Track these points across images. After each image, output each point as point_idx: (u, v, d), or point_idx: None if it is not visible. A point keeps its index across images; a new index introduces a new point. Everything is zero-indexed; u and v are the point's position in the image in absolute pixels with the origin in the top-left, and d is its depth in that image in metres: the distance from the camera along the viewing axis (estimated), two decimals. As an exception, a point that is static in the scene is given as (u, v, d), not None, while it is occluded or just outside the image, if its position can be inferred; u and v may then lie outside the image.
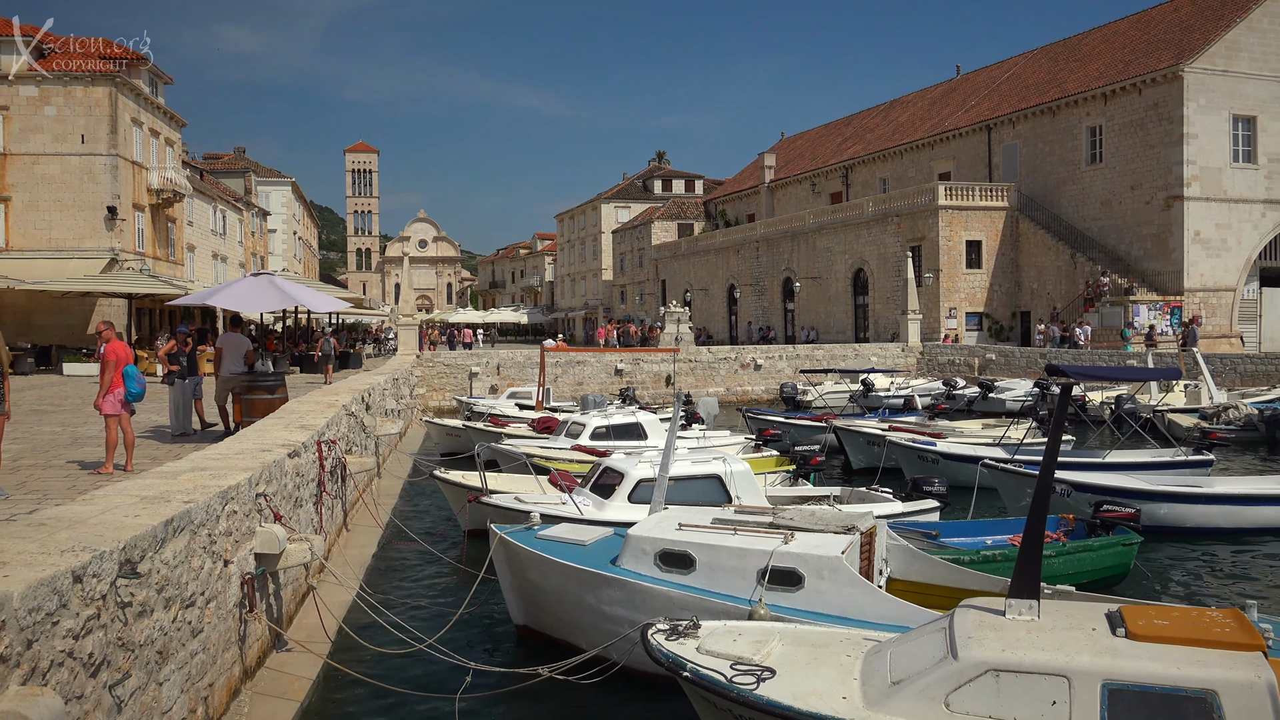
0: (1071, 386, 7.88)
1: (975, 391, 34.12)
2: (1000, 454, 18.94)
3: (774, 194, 73.39)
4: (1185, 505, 15.87)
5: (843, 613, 8.77)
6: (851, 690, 6.92)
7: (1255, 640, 6.37)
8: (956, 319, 47.67)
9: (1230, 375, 33.96)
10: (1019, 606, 6.99)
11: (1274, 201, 43.61)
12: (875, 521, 10.49)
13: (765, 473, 17.38)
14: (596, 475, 14.11)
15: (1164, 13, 49.75)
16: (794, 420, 26.11)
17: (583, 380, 39.44)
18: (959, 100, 59.91)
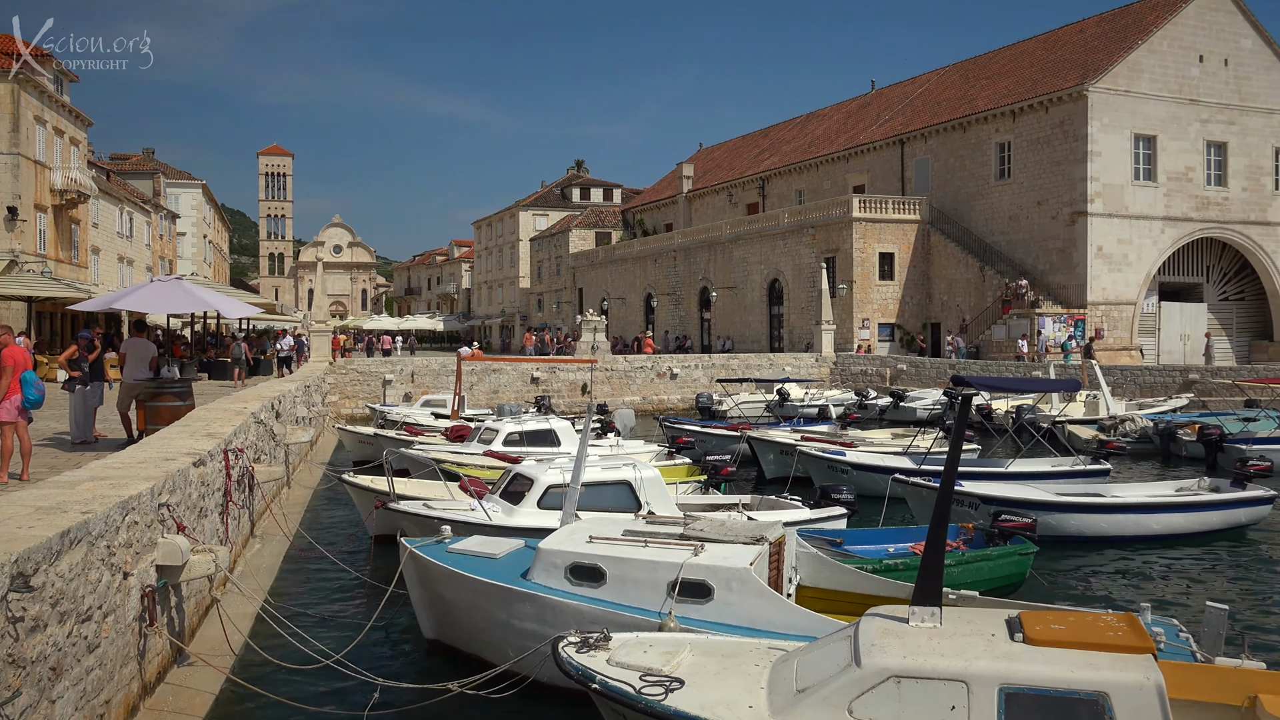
0: (971, 398, 8.09)
1: (887, 401, 34.82)
2: (907, 463, 19.35)
3: (692, 204, 73.96)
4: (1082, 514, 16.39)
5: (751, 624, 8.86)
6: (758, 700, 6.99)
7: (1146, 643, 6.61)
8: (869, 330, 48.57)
9: (1130, 387, 35.21)
10: (921, 614, 7.13)
11: (1172, 219, 45.40)
12: (784, 531, 10.61)
13: (678, 481, 17.48)
14: (507, 482, 14.03)
15: (1070, 34, 51.50)
16: (709, 430, 26.31)
17: (499, 388, 39.17)
18: (873, 115, 61.15)
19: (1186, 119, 45.36)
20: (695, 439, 23.52)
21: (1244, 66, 46.48)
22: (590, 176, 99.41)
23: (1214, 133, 45.95)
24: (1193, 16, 45.47)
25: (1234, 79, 46.26)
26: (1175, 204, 45.42)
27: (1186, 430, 25.63)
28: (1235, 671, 7.44)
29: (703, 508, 14.46)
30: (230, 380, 28.01)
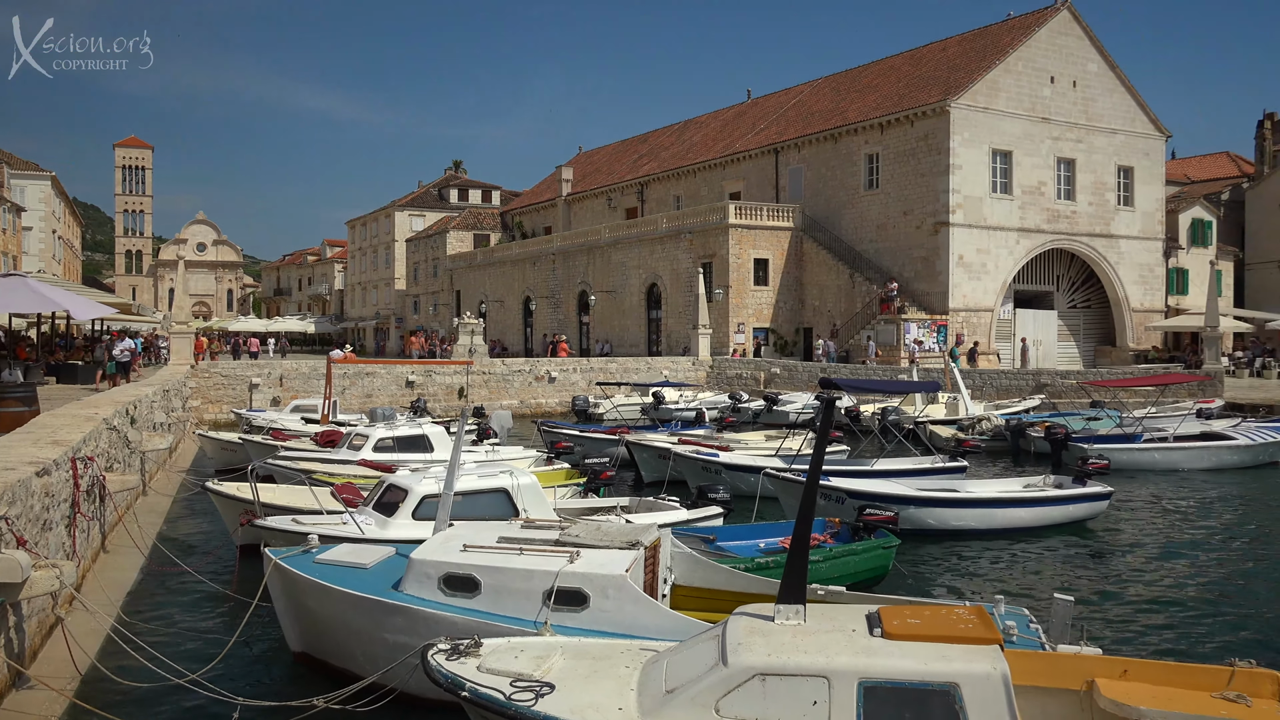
0: (834, 400, 8.34)
1: (761, 405, 35.54)
2: (779, 464, 19.82)
3: (571, 207, 73.95)
4: (940, 509, 17.12)
5: (627, 629, 8.86)
6: (628, 702, 7.05)
7: (993, 635, 6.94)
8: (745, 334, 49.44)
9: (988, 389, 36.80)
10: (786, 612, 7.31)
11: (1026, 230, 47.66)
12: (660, 533, 10.69)
13: (557, 485, 17.46)
14: (380, 493, 13.73)
15: (934, 51, 53.53)
16: (588, 434, 26.36)
17: (372, 392, 38.38)
18: (749, 123, 62.30)
19: (1039, 136, 47.71)
20: (574, 443, 23.53)
21: (1090, 89, 49.19)
22: (469, 178, 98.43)
23: (1064, 150, 48.47)
24: (1045, 40, 47.87)
25: (1081, 100, 48.90)
26: (1029, 216, 47.70)
27: (1036, 429, 26.98)
28: (1074, 658, 7.86)
29: (581, 512, 14.46)
30: (85, 384, 26.67)
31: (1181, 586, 14.24)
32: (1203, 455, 25.42)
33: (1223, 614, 12.89)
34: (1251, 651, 10.44)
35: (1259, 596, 13.79)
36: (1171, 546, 16.96)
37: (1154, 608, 13.16)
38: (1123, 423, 27.66)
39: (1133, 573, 15.11)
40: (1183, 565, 15.57)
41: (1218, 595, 13.81)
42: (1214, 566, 15.57)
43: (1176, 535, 17.90)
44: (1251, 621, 12.57)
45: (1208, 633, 12.04)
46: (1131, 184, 50.93)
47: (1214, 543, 17.33)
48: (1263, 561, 16.01)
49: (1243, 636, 11.86)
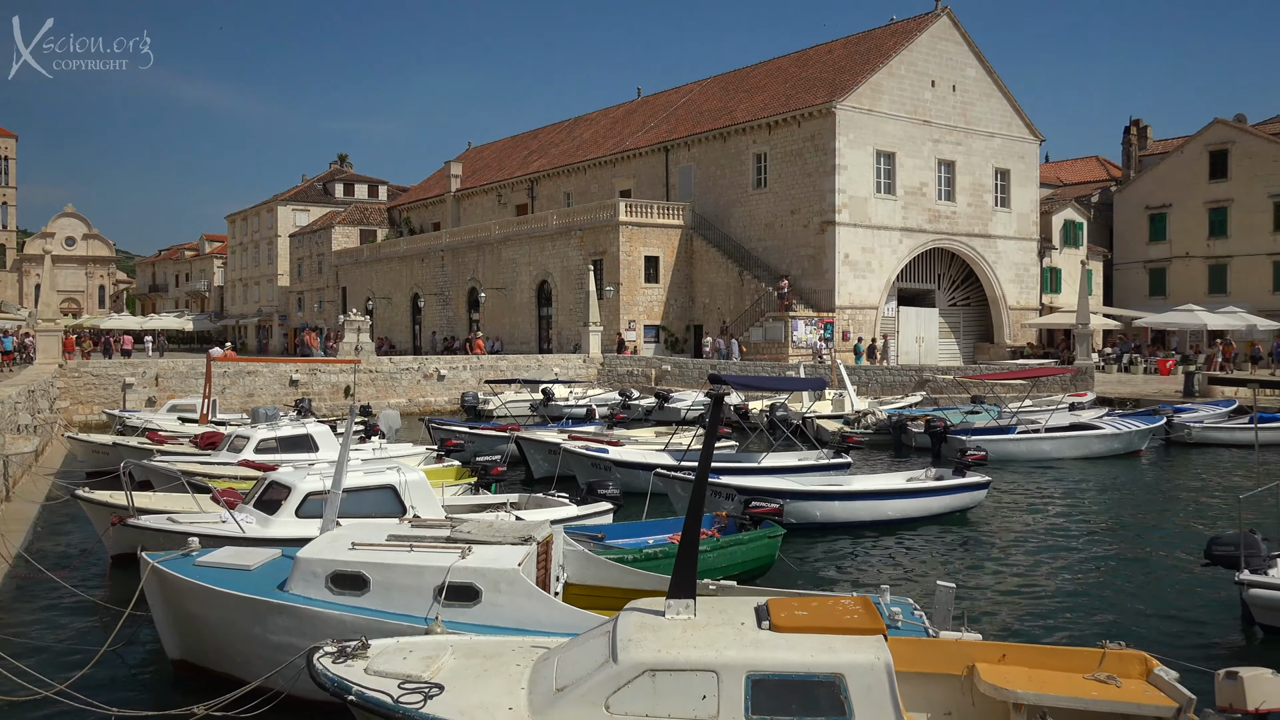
0: (723, 396, 8.42)
1: (652, 401, 35.76)
2: (668, 459, 19.98)
3: (460, 203, 73.09)
4: (826, 502, 17.53)
5: (520, 624, 8.82)
6: (518, 700, 7.00)
7: (877, 624, 7.12)
8: (635, 331, 49.64)
9: (873, 385, 37.78)
10: (677, 606, 7.37)
11: (909, 230, 49.05)
12: (552, 529, 10.67)
13: (446, 483, 17.25)
14: (261, 490, 13.33)
15: (820, 53, 54.61)
16: (478, 431, 26.11)
17: (254, 392, 37.24)
18: (639, 121, 62.54)
19: (921, 138, 49.16)
20: (465, 440, 23.31)
21: (969, 93, 50.91)
22: (355, 172, 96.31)
23: (944, 152, 50.05)
24: (926, 45, 49.34)
25: (960, 104, 50.57)
26: (911, 216, 49.11)
27: (917, 423, 27.83)
28: (956, 644, 8.12)
29: (471, 509, 14.34)
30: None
31: (1056, 572, 14.86)
32: (1072, 445, 26.61)
33: (1094, 597, 13.50)
34: (1121, 633, 10.97)
35: (1127, 579, 14.48)
36: (1046, 533, 17.68)
37: (1031, 593, 13.70)
38: (1000, 416, 28.74)
39: (1010, 559, 15.70)
40: (1056, 551, 16.25)
41: (1089, 579, 14.46)
42: (1085, 551, 16.29)
43: (1050, 523, 18.68)
44: (1120, 604, 13.20)
45: (1081, 616, 12.59)
46: (1008, 186, 52.90)
47: (1084, 528, 18.15)
48: (1129, 546, 16.82)
49: (1112, 619, 12.44)
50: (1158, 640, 11.07)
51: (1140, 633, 11.53)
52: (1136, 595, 13.65)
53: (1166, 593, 13.69)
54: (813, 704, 6.56)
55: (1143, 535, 17.73)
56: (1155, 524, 18.78)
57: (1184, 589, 13.73)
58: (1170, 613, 12.74)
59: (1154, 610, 12.87)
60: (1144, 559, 15.80)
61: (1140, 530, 18.17)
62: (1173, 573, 14.69)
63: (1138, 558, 15.90)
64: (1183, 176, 57.19)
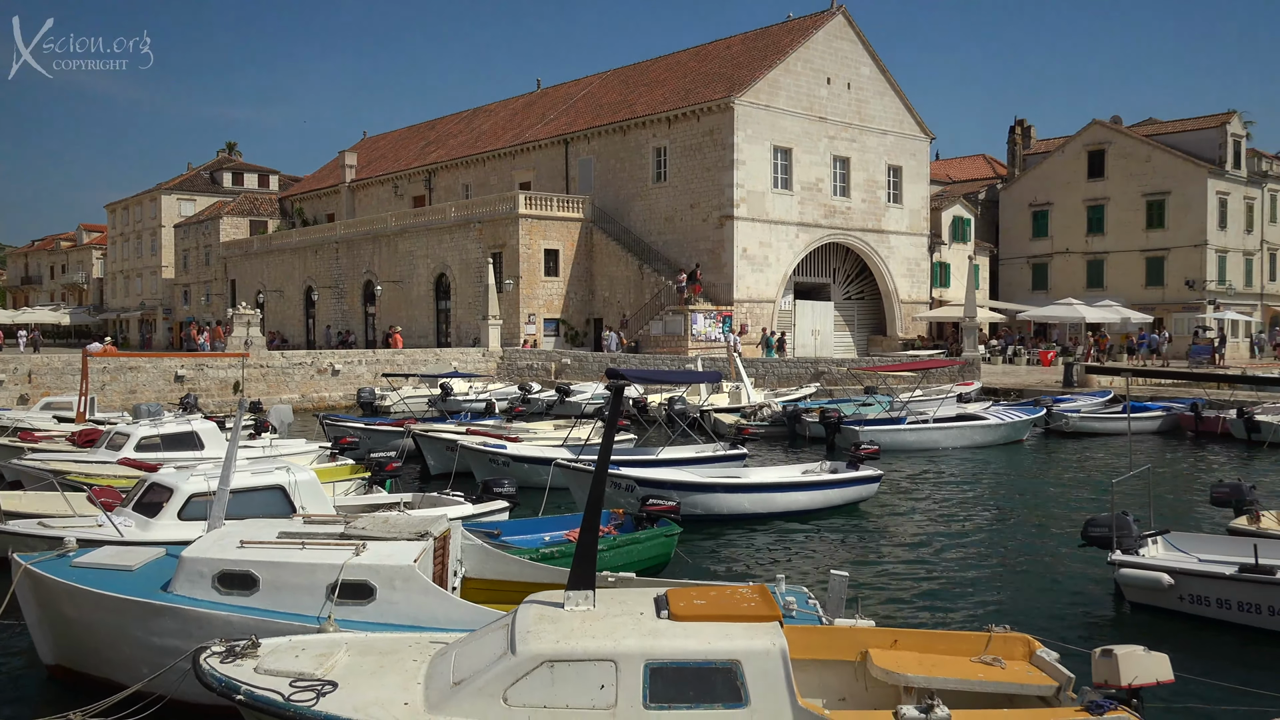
0: (623, 389, 8.44)
1: (553, 395, 35.66)
2: (567, 454, 19.94)
3: (355, 194, 71.61)
4: (724, 494, 17.74)
5: (416, 621, 8.70)
6: (414, 696, 6.90)
7: (774, 612, 7.23)
8: (535, 325, 49.40)
9: (770, 378, 38.36)
10: (576, 598, 7.37)
11: (806, 225, 49.90)
12: (450, 525, 10.55)
13: (340, 481, 16.89)
14: (141, 492, 12.82)
15: (719, 48, 55.10)
16: (373, 426, 25.63)
17: (136, 388, 35.85)
18: (539, 113, 62.19)
19: (817, 134, 50.05)
20: (359, 436, 22.83)
21: (863, 91, 52.03)
22: (244, 161, 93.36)
23: (839, 148, 51.07)
24: (821, 43, 50.24)
25: (855, 101, 51.65)
26: (808, 211, 49.98)
27: (811, 415, 28.36)
28: (849, 630, 8.31)
29: (363, 508, 14.07)
30: None
31: (944, 558, 15.31)
32: (959, 435, 27.47)
33: (981, 582, 13.97)
34: (1006, 616, 11.37)
35: (1011, 564, 15.01)
36: (934, 521, 18.22)
37: (921, 579, 14.09)
38: (891, 407, 29.48)
39: (901, 547, 16.13)
40: (945, 538, 16.75)
41: (976, 565, 14.95)
42: (971, 538, 16.84)
43: (939, 511, 19.25)
44: (1006, 588, 13.69)
45: (969, 600, 13.01)
46: (900, 182, 54.26)
47: (971, 516, 18.75)
48: (1013, 531, 17.44)
49: (998, 602, 12.89)
50: (1040, 621, 11.49)
51: (1024, 615, 11.95)
52: (1020, 578, 14.17)
53: (1048, 575, 14.23)
54: (710, 691, 6.64)
55: (1025, 521, 18.40)
56: (1037, 510, 19.51)
57: (1064, 571, 14.30)
58: (1051, 594, 13.26)
59: (1037, 592, 13.38)
60: (1027, 543, 16.39)
61: (1023, 516, 18.86)
62: (1054, 556, 15.27)
63: (1021, 542, 16.50)
64: (1063, 175, 59.53)
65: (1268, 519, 13.66)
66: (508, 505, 14.72)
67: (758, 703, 6.61)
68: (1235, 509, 13.97)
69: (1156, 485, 18.48)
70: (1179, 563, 11.87)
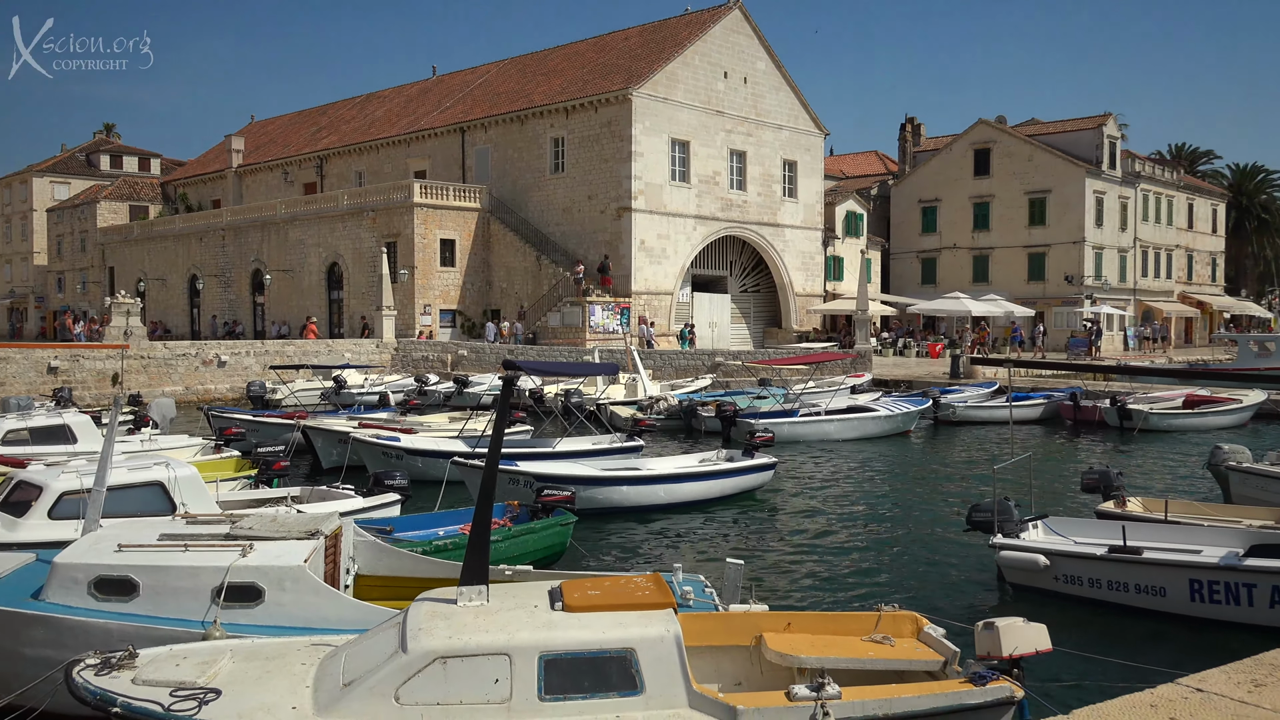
0: (514, 380, 8.38)
1: (450, 387, 35.24)
2: (462, 446, 19.75)
3: (243, 180, 69.45)
4: (620, 487, 17.79)
5: (308, 623, 8.51)
6: (303, 699, 6.74)
7: (668, 599, 7.28)
8: (431, 316, 48.73)
9: (668, 370, 38.60)
10: (469, 593, 7.29)
11: (703, 217, 50.33)
12: (341, 522, 10.34)
13: (225, 476, 16.38)
14: (7, 491, 12.19)
15: (617, 40, 55.09)
16: (261, 419, 24.92)
17: (5, 380, 34.12)
18: (434, 101, 61.26)
19: (714, 128, 50.50)
20: (246, 430, 22.18)
21: (760, 86, 52.69)
22: (123, 143, 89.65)
23: (736, 142, 51.64)
24: (719, 37, 50.68)
25: (752, 96, 52.27)
26: (705, 204, 50.42)
27: (707, 407, 28.63)
28: (744, 616, 8.44)
29: (249, 504, 13.69)
30: None
31: (837, 544, 15.67)
32: (851, 426, 28.09)
33: (871, 565, 14.35)
34: (895, 597, 11.67)
35: (900, 548, 15.45)
36: (827, 509, 18.61)
37: (815, 564, 14.40)
38: (786, 399, 29.97)
39: (796, 535, 16.44)
40: (837, 525, 17.13)
41: (867, 549, 15.35)
42: (862, 524, 17.27)
43: (831, 499, 19.67)
44: (895, 570, 14.10)
45: (860, 583, 13.35)
46: (795, 177, 55.13)
47: (862, 503, 19.23)
48: (901, 517, 17.92)
49: (888, 584, 13.24)
50: (927, 601, 11.87)
51: (912, 595, 12.33)
52: (909, 562, 14.60)
53: (935, 558, 14.69)
54: (605, 680, 6.65)
55: (913, 507, 18.94)
56: (924, 497, 20.11)
57: (950, 554, 14.77)
58: (938, 576, 13.71)
59: (924, 574, 13.81)
60: (915, 528, 16.87)
61: (911, 503, 19.41)
62: (940, 540, 15.76)
63: (909, 528, 16.97)
64: (951, 172, 61.34)
65: (1133, 503, 14.34)
66: (400, 499, 14.48)
67: (653, 690, 6.66)
68: (1103, 494, 14.60)
69: (1037, 471, 19.25)
70: (1054, 545, 12.37)
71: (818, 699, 6.75)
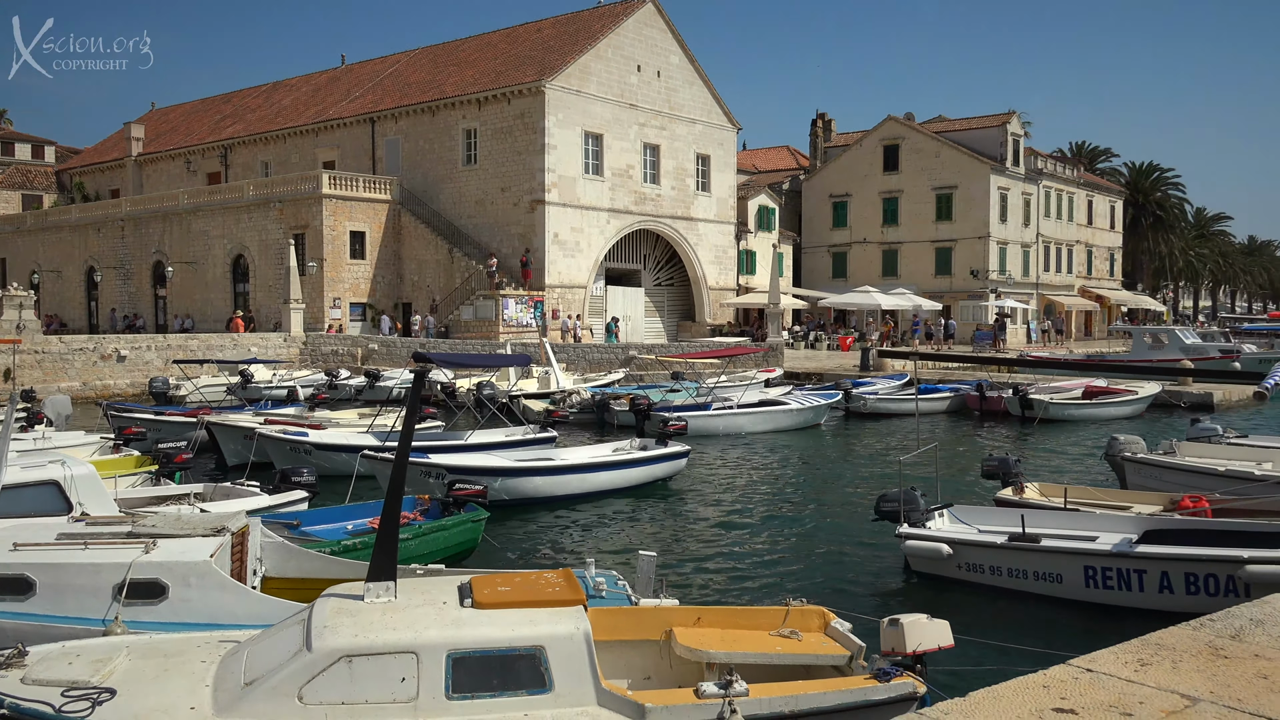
0: (424, 373, 8.30)
1: (361, 381, 34.68)
2: (373, 441, 19.48)
3: (143, 169, 67.21)
4: (534, 477, 17.77)
5: (213, 619, 8.34)
6: (202, 699, 6.56)
7: (578, 595, 7.27)
8: (341, 309, 47.84)
9: (581, 363, 38.56)
10: (377, 590, 7.19)
11: (617, 211, 50.34)
12: (248, 519, 10.13)
13: (124, 474, 15.86)
14: None
15: (530, 31, 54.71)
16: (163, 416, 24.19)
17: (-114, 377, 32.51)
18: (343, 90, 60.08)
19: (628, 121, 50.53)
20: (147, 427, 21.54)
21: (673, 79, 52.89)
22: (15, 130, 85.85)
23: (649, 136, 51.75)
24: (632, 30, 50.70)
25: (665, 90, 52.44)
26: (619, 197, 50.44)
27: (620, 401, 28.68)
28: (654, 610, 8.47)
29: (149, 501, 13.31)
30: None
31: (749, 537, 15.84)
32: (762, 419, 28.42)
33: (782, 559, 14.52)
34: (804, 591, 11.84)
35: (811, 540, 15.67)
36: (740, 503, 18.81)
37: (727, 558, 14.52)
38: (699, 392, 30.18)
39: (709, 528, 16.57)
40: (749, 518, 17.32)
41: (778, 542, 15.53)
42: (774, 517, 17.48)
43: (744, 493, 19.88)
44: (805, 563, 14.28)
45: (771, 577, 13.49)
46: (709, 171, 55.49)
47: (774, 496, 19.48)
48: (812, 509, 18.21)
49: (798, 577, 13.42)
50: (836, 593, 12.06)
51: (821, 588, 12.50)
52: (819, 554, 14.81)
53: (844, 550, 14.94)
54: (514, 678, 6.62)
55: (824, 498, 19.26)
56: (835, 488, 20.46)
57: (859, 545, 15.03)
58: (847, 567, 13.94)
59: (833, 566, 14.02)
60: (825, 520, 17.15)
61: (822, 495, 19.73)
62: (850, 531, 16.02)
63: (820, 520, 17.24)
64: (861, 168, 62.45)
65: (1030, 490, 14.79)
66: (307, 495, 14.21)
67: (561, 687, 6.64)
68: (1002, 480, 15.02)
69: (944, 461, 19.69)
70: (957, 534, 12.68)
71: (725, 696, 6.81)
